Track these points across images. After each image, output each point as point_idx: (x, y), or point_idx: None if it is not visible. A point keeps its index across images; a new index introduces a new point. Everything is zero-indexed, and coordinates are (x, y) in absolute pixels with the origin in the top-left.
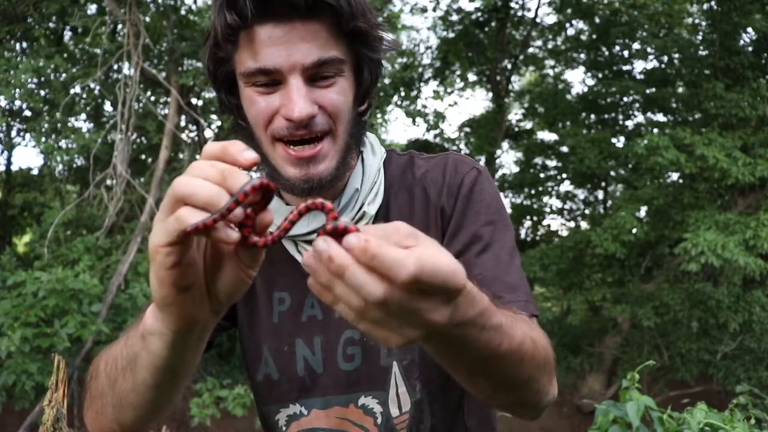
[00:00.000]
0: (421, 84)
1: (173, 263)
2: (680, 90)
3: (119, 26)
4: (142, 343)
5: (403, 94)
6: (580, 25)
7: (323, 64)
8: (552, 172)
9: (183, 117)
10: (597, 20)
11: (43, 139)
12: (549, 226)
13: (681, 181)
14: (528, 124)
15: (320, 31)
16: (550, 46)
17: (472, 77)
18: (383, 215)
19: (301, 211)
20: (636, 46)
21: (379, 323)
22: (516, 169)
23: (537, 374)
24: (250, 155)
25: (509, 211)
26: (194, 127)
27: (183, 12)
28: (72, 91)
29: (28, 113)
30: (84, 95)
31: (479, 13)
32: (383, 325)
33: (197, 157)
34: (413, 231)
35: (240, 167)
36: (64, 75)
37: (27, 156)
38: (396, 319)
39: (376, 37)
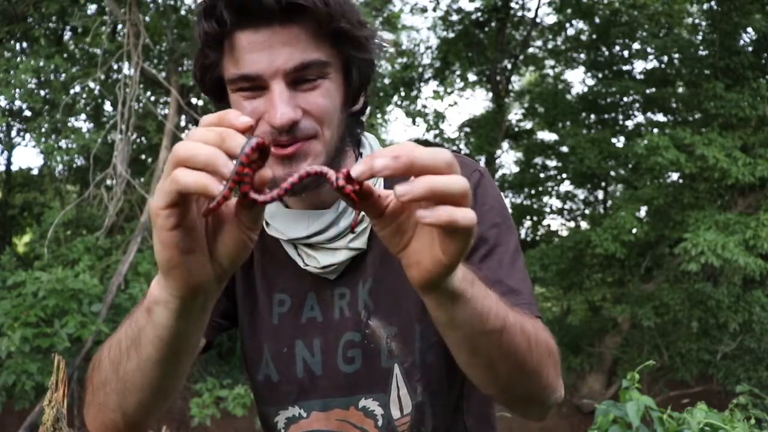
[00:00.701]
0: (421, 84)
1: (173, 225)
2: (680, 90)
3: (119, 26)
4: (147, 317)
5: (403, 94)
6: (580, 25)
7: (305, 68)
8: (552, 172)
9: (183, 117)
10: (597, 20)
11: (43, 139)
12: (549, 226)
13: (681, 181)
14: (528, 124)
15: (301, 35)
16: (550, 46)
17: (472, 77)
18: None
19: (302, 176)
20: (636, 46)
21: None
22: (516, 169)
23: (545, 361)
24: (245, 119)
25: (509, 211)
26: (194, 127)
27: (183, 12)
28: (72, 91)
29: (28, 113)
30: (84, 95)
31: (479, 13)
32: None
33: None
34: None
35: (236, 131)
36: (64, 75)
37: (27, 156)
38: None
39: (361, 36)
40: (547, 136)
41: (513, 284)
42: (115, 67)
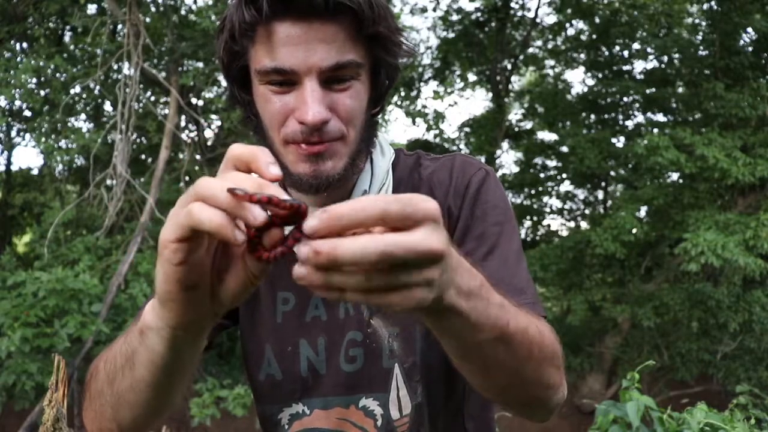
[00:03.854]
0: (421, 84)
1: (180, 260)
2: (680, 90)
3: (119, 26)
4: (140, 339)
5: (403, 94)
6: (580, 25)
7: (340, 68)
8: (552, 172)
9: (183, 117)
10: (597, 20)
11: (43, 139)
12: (549, 226)
13: (681, 181)
14: (528, 124)
15: (339, 33)
16: (550, 46)
17: (472, 77)
18: None
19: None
20: (636, 46)
21: (389, 286)
22: (516, 169)
23: (546, 365)
24: (276, 171)
25: (513, 212)
26: (194, 127)
27: (183, 12)
28: (72, 91)
29: (28, 113)
30: (84, 95)
31: (479, 13)
32: (392, 289)
33: (197, 157)
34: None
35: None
36: (64, 75)
37: (27, 156)
38: (400, 276)
39: (395, 42)
40: (547, 136)
41: (516, 283)
42: (115, 67)
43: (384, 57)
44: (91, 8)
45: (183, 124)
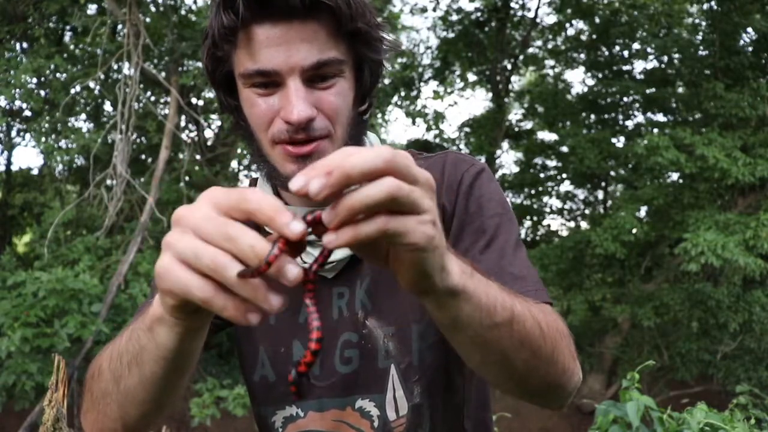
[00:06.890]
0: (421, 84)
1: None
2: (680, 90)
3: (119, 26)
4: (149, 335)
5: (403, 94)
6: (580, 25)
7: (322, 66)
8: (552, 172)
9: (183, 117)
10: (597, 20)
11: (43, 139)
12: (549, 226)
13: (681, 181)
14: (528, 124)
15: (319, 32)
16: (550, 46)
17: (472, 77)
18: None
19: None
20: (636, 46)
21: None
22: (516, 169)
23: (558, 345)
24: (298, 228)
25: (510, 205)
26: (194, 127)
27: (183, 12)
28: (72, 91)
29: (28, 113)
30: (84, 95)
31: (479, 13)
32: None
33: (197, 157)
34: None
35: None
36: (64, 75)
37: (27, 156)
38: (411, 190)
39: (376, 37)
40: (547, 136)
41: (517, 271)
42: (115, 67)
43: (366, 53)
44: (91, 8)
45: (183, 124)
